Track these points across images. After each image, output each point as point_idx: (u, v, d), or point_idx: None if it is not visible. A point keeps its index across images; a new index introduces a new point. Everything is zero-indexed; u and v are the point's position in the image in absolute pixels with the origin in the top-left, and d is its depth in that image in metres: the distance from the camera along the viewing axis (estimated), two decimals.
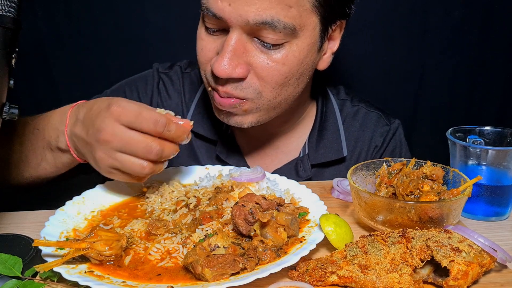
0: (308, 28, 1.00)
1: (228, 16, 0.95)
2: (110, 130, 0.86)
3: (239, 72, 0.99)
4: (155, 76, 1.31)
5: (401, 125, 1.34)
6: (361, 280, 0.71)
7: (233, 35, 0.98)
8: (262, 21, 0.94)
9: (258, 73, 1.01)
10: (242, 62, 0.99)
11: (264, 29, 0.96)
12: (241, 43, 0.98)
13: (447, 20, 1.71)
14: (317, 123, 1.27)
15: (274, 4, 0.93)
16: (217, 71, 0.98)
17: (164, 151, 0.88)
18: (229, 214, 0.88)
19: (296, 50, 1.01)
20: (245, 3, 0.93)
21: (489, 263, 0.73)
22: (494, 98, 1.83)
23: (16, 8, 0.75)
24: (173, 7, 1.62)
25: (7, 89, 0.78)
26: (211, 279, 0.69)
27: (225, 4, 0.95)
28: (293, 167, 1.24)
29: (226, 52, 0.98)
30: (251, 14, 0.94)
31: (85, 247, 0.73)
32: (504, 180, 0.95)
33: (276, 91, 1.04)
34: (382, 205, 0.85)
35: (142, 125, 0.86)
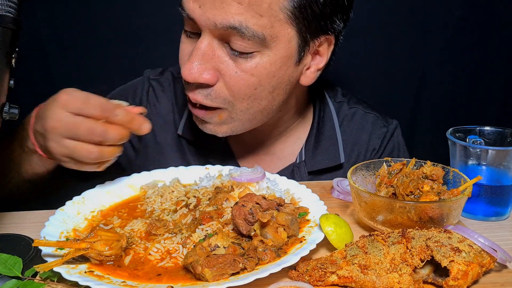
0: (282, 40, 0.97)
1: (198, 18, 0.95)
2: (56, 117, 0.87)
3: (206, 78, 0.98)
4: (145, 83, 1.29)
5: (400, 125, 1.33)
6: (361, 280, 0.71)
7: (204, 39, 0.97)
8: (229, 25, 0.93)
9: (227, 82, 1.00)
10: (210, 67, 0.98)
11: (233, 35, 0.94)
12: (211, 47, 0.97)
13: (448, 20, 1.71)
14: (314, 129, 1.25)
15: (243, 10, 0.92)
16: (184, 74, 0.98)
17: (108, 132, 0.87)
18: (229, 214, 0.88)
19: (266, 62, 0.98)
20: (213, 6, 0.93)
21: (489, 263, 0.73)
22: (494, 98, 1.83)
23: (16, 8, 0.75)
24: (173, 7, 1.62)
25: (7, 89, 0.78)
26: (211, 279, 0.69)
27: (195, 6, 0.95)
28: (289, 173, 1.22)
29: (194, 55, 0.97)
30: (219, 18, 0.93)
31: (85, 247, 0.73)
32: (504, 180, 0.95)
33: (247, 102, 1.02)
34: (382, 205, 0.85)
35: (88, 111, 0.86)
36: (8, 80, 0.77)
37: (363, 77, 1.76)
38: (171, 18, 1.62)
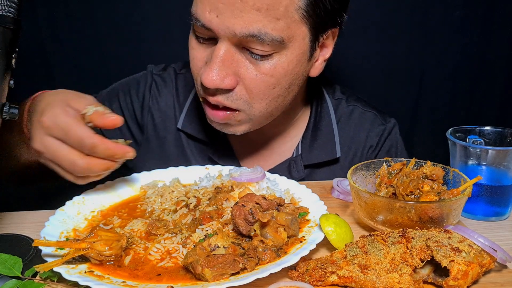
0: (297, 39, 0.99)
1: (216, 28, 0.95)
2: (39, 141, 0.86)
3: (227, 83, 0.99)
4: (148, 78, 1.31)
5: (400, 125, 1.33)
6: (361, 280, 0.71)
7: (222, 45, 0.97)
8: (249, 33, 0.94)
9: (246, 85, 1.01)
10: (230, 73, 0.99)
11: (252, 41, 0.95)
12: (229, 53, 0.98)
13: (448, 20, 1.71)
14: (311, 124, 1.26)
15: (261, 17, 0.93)
16: (205, 81, 0.98)
17: (90, 168, 0.86)
18: (229, 214, 0.88)
19: (284, 61, 1.00)
20: (232, 15, 0.93)
21: (489, 263, 0.73)
22: (494, 98, 1.83)
23: (16, 8, 0.75)
24: (172, 7, 1.62)
25: (7, 89, 0.78)
26: (211, 279, 0.69)
27: (213, 16, 0.94)
28: (286, 168, 1.23)
29: (214, 62, 0.97)
30: (238, 27, 0.93)
31: (85, 247, 0.73)
32: (504, 180, 0.95)
33: (266, 103, 1.04)
34: (382, 205, 0.85)
35: (70, 142, 0.85)
36: (8, 80, 0.77)
37: (363, 77, 1.76)
38: (171, 18, 1.63)
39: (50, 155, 0.86)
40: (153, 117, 1.27)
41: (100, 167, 0.87)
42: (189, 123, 1.24)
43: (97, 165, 0.86)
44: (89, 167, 0.86)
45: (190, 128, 1.24)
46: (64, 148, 0.85)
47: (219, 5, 0.93)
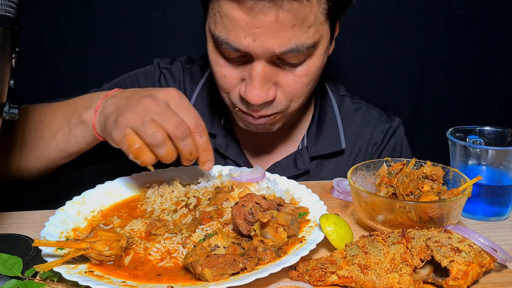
0: (323, 37, 1.04)
1: (253, 50, 0.97)
2: (158, 99, 0.89)
3: (272, 95, 1.03)
4: (156, 71, 1.32)
5: (402, 124, 1.34)
6: (361, 280, 0.71)
7: (259, 64, 1.00)
8: (287, 50, 0.97)
9: (285, 90, 1.05)
10: (271, 85, 1.03)
11: (289, 55, 0.98)
12: (267, 69, 1.01)
13: (449, 20, 1.71)
14: (315, 117, 1.28)
15: (297, 31, 0.96)
16: (252, 100, 1.01)
17: (186, 139, 0.88)
18: (229, 214, 0.88)
19: (315, 60, 1.04)
20: (270, 37, 0.95)
21: (489, 263, 0.73)
22: (495, 98, 1.83)
23: (16, 8, 0.75)
24: (173, 7, 1.62)
25: (7, 89, 0.78)
26: (211, 279, 0.69)
27: (249, 40, 0.96)
28: (292, 160, 1.25)
29: (256, 81, 1.00)
30: (277, 47, 0.96)
31: (85, 247, 0.73)
32: (504, 180, 0.95)
33: (302, 100, 1.11)
34: (382, 205, 0.85)
35: (186, 117, 0.90)
36: (8, 80, 0.77)
37: (363, 77, 1.76)
38: (171, 18, 1.63)
39: (158, 111, 0.88)
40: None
41: (191, 145, 0.90)
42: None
43: (190, 143, 0.89)
44: (186, 139, 0.89)
45: None
46: (175, 114, 0.89)
47: (255, 30, 0.94)
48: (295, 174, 1.23)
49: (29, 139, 1.07)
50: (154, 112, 0.87)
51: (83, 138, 1.03)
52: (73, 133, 1.03)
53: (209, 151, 0.93)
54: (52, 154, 1.07)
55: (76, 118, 1.02)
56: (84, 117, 1.00)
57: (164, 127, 0.87)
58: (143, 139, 0.87)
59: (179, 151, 0.90)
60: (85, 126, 1.01)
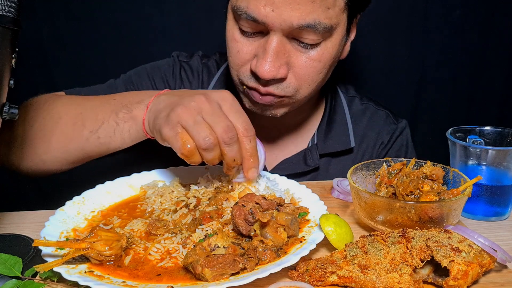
0: (340, 25, 1.04)
1: (271, 21, 0.97)
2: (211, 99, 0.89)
3: (282, 73, 1.03)
4: (176, 63, 1.33)
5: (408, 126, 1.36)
6: (361, 280, 0.71)
7: (275, 37, 1.00)
8: (305, 24, 0.97)
9: (296, 72, 1.05)
10: (283, 63, 1.03)
11: (305, 31, 0.98)
12: (282, 44, 1.01)
13: (448, 20, 1.71)
14: (326, 116, 1.30)
15: (316, 7, 0.96)
16: (262, 73, 1.01)
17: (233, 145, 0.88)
18: (229, 214, 0.88)
19: (330, 47, 1.05)
20: (289, 8, 0.95)
21: (489, 263, 0.73)
22: (494, 98, 1.83)
23: (16, 8, 0.75)
24: (173, 7, 1.62)
25: (7, 89, 0.78)
26: (211, 279, 0.69)
27: (268, 10, 0.96)
28: (302, 157, 1.27)
29: (269, 54, 1.00)
30: (295, 19, 0.96)
31: (85, 247, 0.73)
32: (504, 180, 0.95)
33: (312, 87, 1.10)
34: (382, 205, 0.85)
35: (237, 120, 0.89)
36: (8, 80, 0.77)
37: (363, 77, 1.76)
38: (171, 18, 1.63)
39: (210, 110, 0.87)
40: None
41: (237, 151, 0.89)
42: None
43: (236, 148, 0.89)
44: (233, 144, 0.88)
45: None
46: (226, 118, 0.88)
47: (275, 0, 0.95)
48: (304, 170, 1.26)
49: (65, 130, 1.06)
50: (206, 112, 0.87)
51: (129, 134, 1.02)
52: (119, 127, 1.02)
53: (255, 157, 0.93)
54: (91, 147, 1.06)
55: (126, 113, 1.01)
56: (134, 112, 1.00)
57: (214, 129, 0.87)
58: (194, 140, 0.87)
59: (223, 156, 0.89)
60: (134, 122, 1.00)
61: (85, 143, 1.05)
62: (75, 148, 1.06)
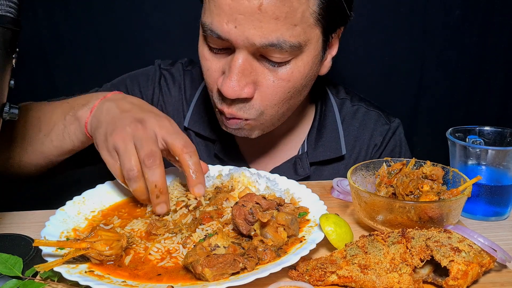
0: (312, 42, 1.01)
1: (234, 38, 0.95)
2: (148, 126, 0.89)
3: (247, 92, 1.00)
4: (157, 72, 1.31)
5: (401, 124, 1.34)
6: (361, 280, 0.71)
7: (240, 55, 0.97)
8: (268, 43, 0.94)
9: (263, 91, 1.02)
10: (249, 82, 1.00)
11: (271, 50, 0.96)
12: (248, 62, 0.98)
13: (447, 20, 1.71)
14: (316, 122, 1.27)
15: (280, 25, 0.93)
16: (226, 92, 0.98)
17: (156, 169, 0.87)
18: (229, 214, 0.89)
19: (301, 66, 1.01)
20: (251, 26, 0.93)
21: (489, 263, 0.73)
22: (494, 98, 1.83)
23: (16, 8, 0.75)
24: (172, 7, 1.62)
25: (7, 89, 0.78)
26: (211, 279, 0.69)
27: (230, 27, 0.94)
28: (292, 165, 1.24)
29: (233, 73, 0.97)
30: (257, 38, 0.94)
31: (85, 247, 0.73)
32: (504, 180, 0.95)
33: (278, 107, 1.06)
34: (382, 205, 0.85)
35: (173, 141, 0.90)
36: (8, 80, 0.77)
37: (362, 78, 1.77)
38: (171, 18, 1.63)
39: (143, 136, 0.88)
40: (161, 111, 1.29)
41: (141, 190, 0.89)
42: (195, 121, 1.26)
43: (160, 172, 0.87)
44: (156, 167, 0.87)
45: (196, 126, 1.26)
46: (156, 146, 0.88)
47: (238, 16, 0.93)
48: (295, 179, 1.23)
49: (27, 134, 1.08)
50: (137, 139, 0.87)
51: (76, 136, 1.03)
52: (67, 129, 1.04)
53: (199, 173, 0.91)
54: (47, 150, 1.08)
55: (72, 115, 1.02)
56: (78, 114, 1.01)
57: (139, 153, 0.87)
58: (122, 169, 0.88)
59: (146, 181, 0.87)
60: (78, 124, 1.01)
61: (41, 146, 1.08)
62: (34, 151, 1.09)
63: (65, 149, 1.07)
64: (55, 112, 1.07)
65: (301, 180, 1.23)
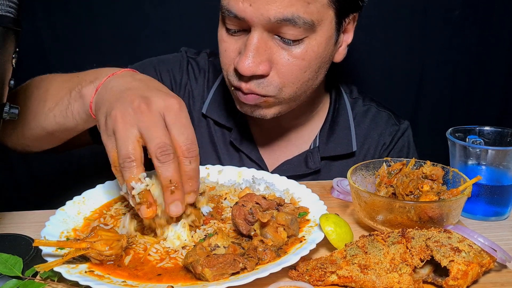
0: (325, 23, 1.04)
1: (250, 16, 0.98)
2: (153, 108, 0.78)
3: (263, 69, 1.03)
4: (184, 59, 1.35)
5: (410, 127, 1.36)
6: (361, 280, 0.71)
7: (255, 34, 1.01)
8: (283, 18, 0.97)
9: (279, 69, 1.04)
10: (264, 60, 1.03)
11: (285, 25, 0.99)
12: (263, 41, 1.02)
13: (447, 20, 1.71)
14: (329, 118, 1.30)
15: (294, 1, 0.97)
16: (241, 69, 1.02)
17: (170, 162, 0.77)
18: (229, 214, 0.89)
19: (315, 45, 1.04)
20: (266, 2, 0.96)
21: (489, 263, 0.73)
22: (494, 98, 1.83)
23: (16, 8, 0.75)
24: (172, 7, 1.62)
25: (7, 89, 0.78)
26: (211, 279, 0.69)
27: (246, 5, 0.98)
28: (303, 159, 1.27)
29: (249, 50, 1.01)
30: (272, 12, 0.97)
31: (85, 247, 0.73)
32: (503, 180, 0.95)
33: (296, 86, 1.08)
34: (382, 205, 0.85)
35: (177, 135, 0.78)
36: (8, 80, 0.77)
37: (362, 78, 1.76)
38: (171, 18, 1.63)
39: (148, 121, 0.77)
40: (189, 98, 1.32)
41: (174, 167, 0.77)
42: (213, 108, 1.29)
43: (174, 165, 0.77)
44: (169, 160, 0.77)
45: (214, 114, 1.29)
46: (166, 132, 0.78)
47: None
48: (305, 172, 1.25)
49: (31, 106, 1.04)
50: (142, 124, 0.77)
51: (79, 115, 0.96)
52: (70, 106, 0.97)
53: (194, 180, 0.80)
54: (49, 126, 1.02)
55: (77, 92, 0.95)
56: (84, 92, 0.93)
57: (148, 144, 0.77)
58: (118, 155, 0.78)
59: (159, 177, 0.77)
60: (82, 102, 0.94)
61: (44, 121, 1.02)
62: (36, 125, 1.04)
63: (69, 127, 1.00)
64: (63, 87, 1.01)
65: (311, 174, 1.26)
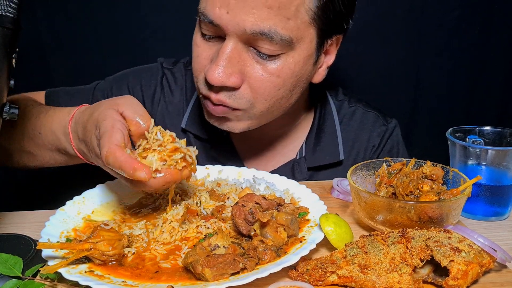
0: (305, 41, 1.00)
1: (225, 24, 0.94)
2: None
3: (233, 81, 0.98)
4: (159, 70, 1.31)
5: (400, 126, 1.34)
6: (361, 280, 0.71)
7: (229, 43, 0.97)
8: (259, 31, 0.93)
9: (252, 84, 1.00)
10: (236, 71, 0.98)
11: (261, 39, 0.95)
12: (236, 51, 0.97)
13: (446, 20, 1.71)
14: (314, 126, 1.26)
15: (272, 15, 0.93)
16: (210, 78, 0.97)
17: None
18: (229, 213, 0.89)
19: (291, 62, 1.00)
20: (243, 11, 0.92)
21: (489, 263, 0.73)
22: (494, 98, 1.83)
23: (16, 8, 0.75)
24: (172, 8, 1.62)
25: (7, 89, 0.78)
26: (211, 278, 0.69)
27: (223, 12, 0.94)
28: (290, 169, 1.23)
29: (221, 59, 0.97)
30: (249, 24, 0.93)
31: (88, 248, 0.73)
32: (503, 180, 0.95)
33: (269, 103, 1.04)
34: (382, 205, 0.85)
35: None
36: (8, 80, 0.77)
37: (360, 79, 1.76)
38: (171, 19, 1.63)
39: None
40: (162, 111, 1.28)
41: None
42: (193, 122, 1.25)
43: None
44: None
45: (193, 128, 1.24)
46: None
47: (230, 1, 0.92)
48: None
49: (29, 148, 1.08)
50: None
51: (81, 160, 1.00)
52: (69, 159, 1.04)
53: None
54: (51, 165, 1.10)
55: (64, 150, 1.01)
56: (70, 152, 0.98)
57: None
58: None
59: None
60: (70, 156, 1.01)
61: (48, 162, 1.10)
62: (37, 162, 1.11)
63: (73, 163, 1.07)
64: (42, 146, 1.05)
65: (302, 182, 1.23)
